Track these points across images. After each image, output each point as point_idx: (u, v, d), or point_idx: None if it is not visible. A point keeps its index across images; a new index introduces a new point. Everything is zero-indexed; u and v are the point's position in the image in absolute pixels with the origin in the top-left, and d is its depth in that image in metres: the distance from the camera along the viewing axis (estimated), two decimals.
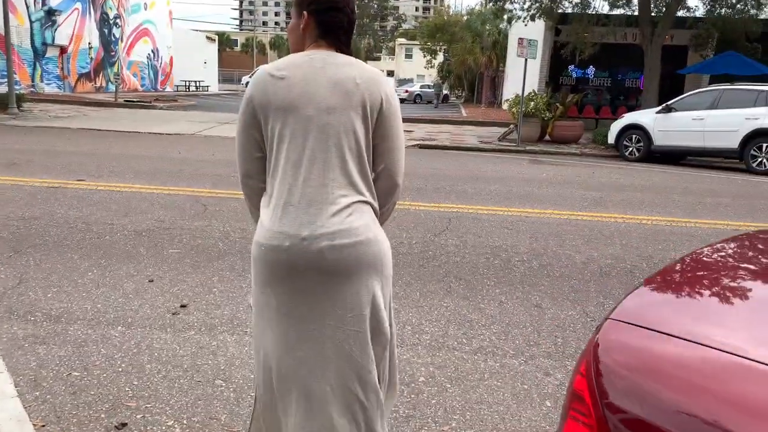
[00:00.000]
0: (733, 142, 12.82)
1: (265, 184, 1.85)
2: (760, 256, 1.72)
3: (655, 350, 1.13)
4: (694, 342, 1.10)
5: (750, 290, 1.43)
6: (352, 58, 1.86)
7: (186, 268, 4.63)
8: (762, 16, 19.19)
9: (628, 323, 1.20)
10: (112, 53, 30.98)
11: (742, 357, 1.06)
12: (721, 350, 1.09)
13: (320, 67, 1.80)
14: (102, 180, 7.93)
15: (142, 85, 33.81)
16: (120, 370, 3.05)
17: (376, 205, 1.85)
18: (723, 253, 1.71)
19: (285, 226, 1.73)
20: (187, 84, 38.75)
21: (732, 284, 1.48)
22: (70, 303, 3.85)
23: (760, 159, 12.57)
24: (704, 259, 1.65)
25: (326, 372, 1.77)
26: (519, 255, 5.40)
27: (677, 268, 1.56)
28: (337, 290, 1.74)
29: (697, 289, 1.45)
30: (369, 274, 1.77)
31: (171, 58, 36.87)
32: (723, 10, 18.08)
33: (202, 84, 40.36)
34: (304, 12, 1.87)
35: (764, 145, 12.49)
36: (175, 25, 38.47)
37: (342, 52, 1.86)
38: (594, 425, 1.11)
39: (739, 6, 17.92)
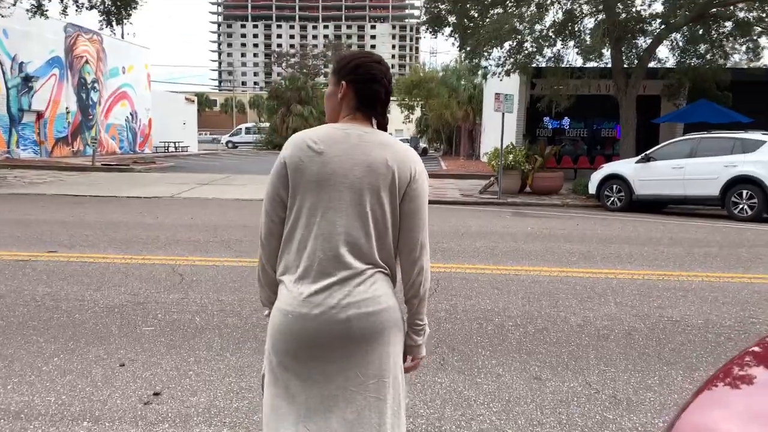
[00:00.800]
0: (714, 190, 12.88)
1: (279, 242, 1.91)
2: None
3: None
4: None
5: None
6: (388, 137, 1.92)
7: (160, 348, 4.33)
8: (730, 65, 19.71)
9: None
10: (90, 117, 30.90)
11: None
12: None
13: (356, 144, 1.85)
14: (75, 250, 7.63)
15: (120, 148, 33.64)
16: None
17: (394, 278, 1.91)
18: None
19: (313, 296, 1.78)
20: (166, 145, 38.67)
21: None
22: (32, 395, 3.53)
23: (741, 205, 12.60)
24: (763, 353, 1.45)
25: None
26: (512, 319, 5.17)
27: (738, 364, 1.35)
28: (361, 357, 1.81)
29: (764, 395, 1.24)
30: (391, 341, 1.85)
31: (150, 120, 36.85)
32: (693, 61, 18.54)
33: (181, 145, 40.31)
34: (343, 82, 1.92)
35: (744, 191, 12.55)
36: (153, 87, 38.63)
37: (378, 121, 1.94)
38: None
39: (707, 56, 18.40)
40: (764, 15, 17.56)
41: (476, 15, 18.21)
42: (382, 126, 1.96)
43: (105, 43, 31.95)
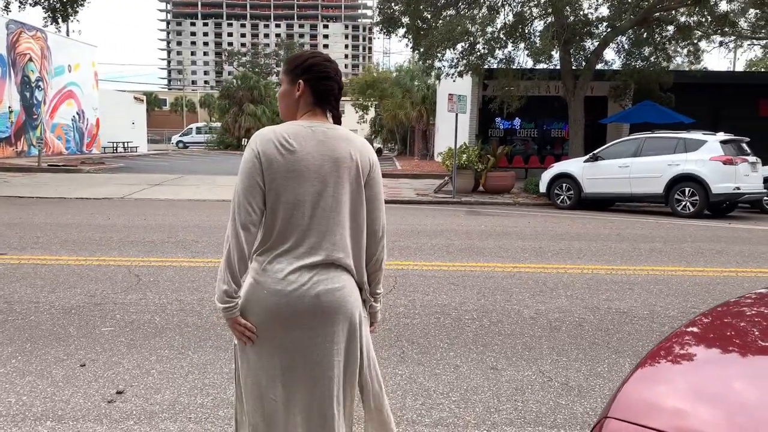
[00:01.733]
0: (658, 188, 13.39)
1: (256, 233, 2.06)
2: (757, 326, 1.68)
3: None
4: None
5: (749, 365, 1.37)
6: (347, 132, 2.13)
7: (121, 348, 4.32)
8: (673, 68, 20.49)
9: (631, 423, 1.11)
10: (35, 116, 29.94)
11: None
12: None
13: (322, 140, 2.05)
14: (26, 253, 7.46)
15: (67, 148, 32.69)
16: None
17: (354, 272, 2.12)
18: (718, 324, 1.65)
19: (289, 276, 2.00)
20: (115, 145, 37.78)
21: (732, 358, 1.42)
22: None
23: (684, 203, 13.14)
24: (699, 331, 1.60)
25: (314, 390, 2.08)
26: (469, 313, 5.33)
27: (673, 342, 1.49)
28: (330, 327, 2.05)
29: (699, 374, 1.38)
30: (352, 315, 2.09)
31: (97, 120, 35.91)
32: (638, 63, 19.19)
33: (130, 145, 39.44)
34: (300, 81, 2.10)
35: (687, 189, 13.09)
36: (101, 86, 37.68)
37: (333, 115, 2.15)
38: None
39: (651, 59, 19.07)
40: (704, 20, 18.33)
41: (429, 16, 18.44)
42: (337, 118, 2.18)
43: (50, 41, 31.00)
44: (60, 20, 20.42)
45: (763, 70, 38.68)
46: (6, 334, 4.54)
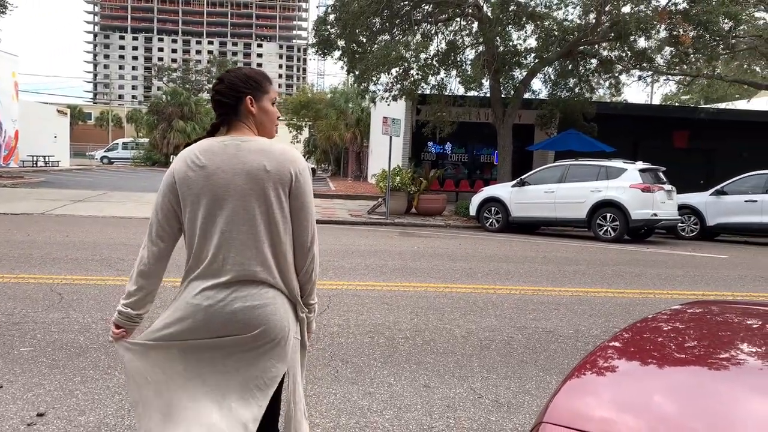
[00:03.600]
0: (581, 213, 13.95)
1: (167, 249, 2.13)
2: (672, 340, 1.80)
3: None
4: None
5: (667, 375, 1.48)
6: (263, 141, 2.09)
7: (42, 369, 4.14)
8: (596, 99, 21.48)
9: (563, 426, 1.18)
10: None
11: None
12: None
13: (233, 153, 2.04)
14: None
15: None
16: None
17: (283, 286, 2.08)
18: (638, 338, 1.77)
19: (205, 291, 2.02)
20: (35, 159, 36.15)
21: (652, 370, 1.52)
22: None
23: (605, 227, 13.73)
24: (621, 345, 1.70)
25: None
26: (402, 332, 5.39)
27: (598, 356, 1.58)
28: (243, 343, 2.04)
29: (622, 381, 1.48)
30: (276, 334, 2.05)
31: (16, 132, 34.28)
32: (563, 93, 20.04)
33: (52, 159, 37.83)
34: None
35: (608, 214, 13.69)
36: (22, 98, 36.07)
37: (231, 126, 2.12)
38: None
39: (576, 90, 19.95)
40: (624, 54, 19.35)
41: (365, 40, 18.69)
42: (214, 127, 2.15)
43: None
44: None
45: (677, 104, 41.09)
46: None
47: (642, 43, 19.22)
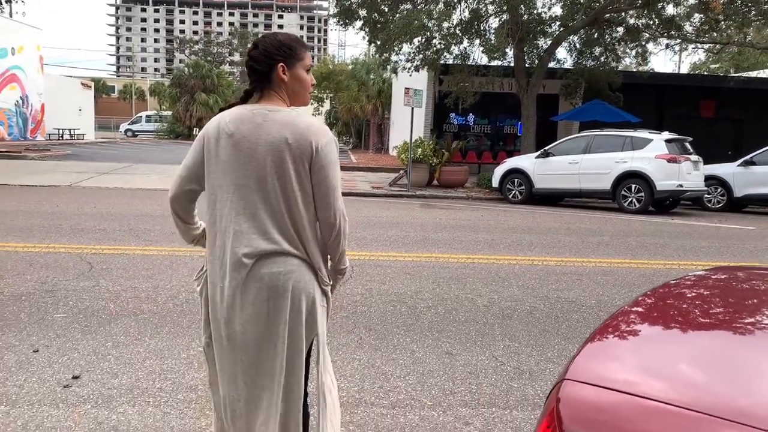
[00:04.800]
0: (606, 184, 13.81)
1: (187, 211, 2.23)
2: (696, 305, 1.81)
3: (616, 408, 1.14)
4: (655, 400, 1.12)
5: (690, 339, 1.49)
6: (290, 113, 2.08)
7: (75, 334, 4.27)
8: (622, 68, 21.10)
9: (584, 383, 1.21)
10: None
11: (689, 409, 1.09)
12: (670, 404, 1.11)
13: (260, 123, 2.04)
14: None
15: (9, 134, 31.52)
16: None
17: (302, 253, 2.09)
18: (658, 305, 1.78)
19: (226, 270, 2.05)
20: (61, 132, 36.61)
21: (674, 334, 1.54)
22: None
23: (630, 199, 13.59)
24: (642, 311, 1.72)
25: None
26: (424, 301, 5.44)
27: (619, 320, 1.60)
28: (272, 312, 2.06)
29: (642, 342, 1.50)
30: (300, 300, 2.07)
31: (42, 106, 34.72)
32: (588, 62, 19.70)
33: (77, 132, 38.28)
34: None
35: (633, 185, 13.54)
36: (46, 71, 36.42)
37: (263, 95, 2.12)
38: None
39: (601, 59, 19.60)
40: (651, 22, 18.93)
41: (386, 10, 18.49)
42: (248, 93, 2.15)
43: None
44: (4, 1, 19.63)
45: (705, 73, 40.15)
46: None
47: (670, 10, 18.79)
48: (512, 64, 18.60)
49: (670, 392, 1.17)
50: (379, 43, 18.16)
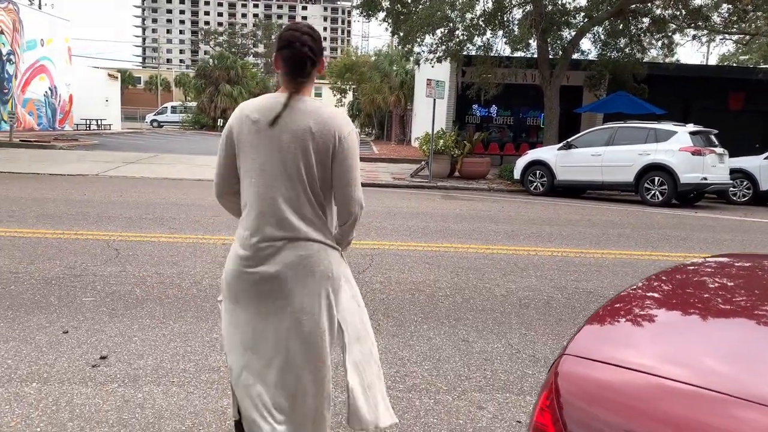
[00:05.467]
0: (629, 176, 13.71)
1: (234, 204, 2.28)
2: (692, 289, 1.86)
3: (611, 382, 1.20)
4: (647, 373, 1.19)
5: (684, 323, 1.55)
6: (314, 103, 2.14)
7: (103, 317, 4.42)
8: (648, 60, 20.84)
9: (583, 358, 1.28)
10: (5, 91, 29.36)
11: (683, 383, 1.15)
12: (665, 378, 1.18)
13: (284, 112, 2.09)
14: (1, 226, 7.45)
15: (39, 124, 32.13)
16: (38, 430, 2.86)
17: (322, 238, 2.18)
18: (656, 288, 1.83)
19: (256, 244, 2.13)
20: (88, 122, 37.21)
21: (666, 316, 1.59)
22: None
23: (653, 191, 13.49)
24: (640, 294, 1.77)
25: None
26: (442, 290, 5.51)
27: (617, 304, 1.66)
28: (289, 293, 2.16)
29: (638, 322, 1.56)
30: (321, 283, 2.18)
31: (70, 96, 35.31)
32: (613, 54, 19.49)
33: (104, 122, 38.88)
34: (275, 53, 2.17)
35: (656, 178, 13.42)
36: (74, 62, 37.00)
37: (300, 84, 2.14)
38: None
39: (626, 50, 19.38)
40: (678, 13, 18.67)
41: (409, 1, 18.49)
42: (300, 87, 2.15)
43: (22, 13, 30.36)
44: None
45: (734, 65, 39.44)
46: None
47: (697, 0, 18.52)
48: (535, 56, 18.48)
49: (663, 368, 1.23)
50: (401, 34, 18.17)
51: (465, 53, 19.03)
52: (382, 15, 18.61)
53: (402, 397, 3.37)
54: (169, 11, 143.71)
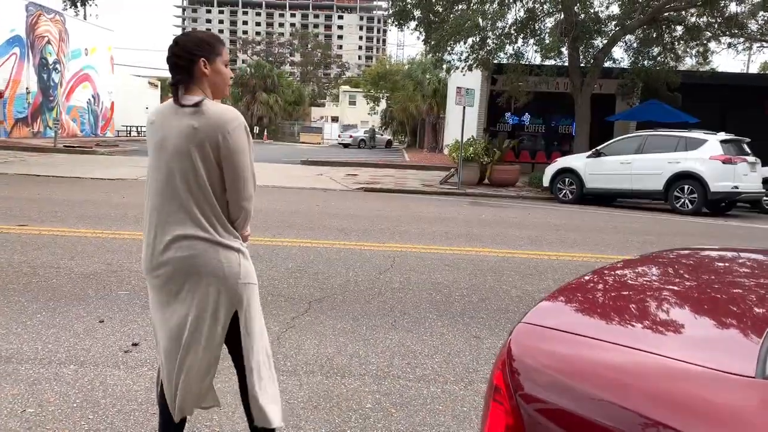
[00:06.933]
0: (658, 185, 13.66)
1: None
2: (640, 273, 2.03)
3: (553, 347, 1.40)
4: (579, 335, 1.39)
5: (633, 301, 1.72)
6: (202, 103, 2.20)
7: (135, 309, 4.71)
8: (681, 68, 20.66)
9: (535, 325, 1.47)
10: (51, 98, 30.49)
11: (600, 339, 1.35)
12: (600, 340, 1.37)
13: (173, 113, 2.23)
14: (45, 225, 7.88)
15: (81, 131, 33.26)
16: (75, 405, 3.13)
17: (210, 235, 2.22)
18: (617, 272, 2.01)
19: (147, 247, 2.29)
20: (128, 129, 38.33)
21: (615, 297, 1.77)
22: (20, 344, 3.89)
23: (683, 200, 13.41)
24: (597, 278, 1.95)
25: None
26: (459, 290, 5.68)
27: (574, 284, 1.84)
28: (180, 292, 2.28)
29: (588, 299, 1.75)
30: (206, 281, 2.23)
31: (112, 104, 36.48)
32: (645, 62, 19.39)
33: (143, 129, 39.95)
34: None
35: (686, 186, 13.35)
36: (116, 70, 38.20)
37: (187, 87, 2.25)
38: (509, 410, 1.36)
39: (659, 58, 19.27)
40: (713, 21, 18.51)
41: (441, 10, 18.72)
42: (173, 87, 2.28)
43: (67, 24, 31.54)
44: (78, 4, 20.77)
45: None
46: (31, 293, 4.94)
47: (733, 8, 18.32)
48: (566, 64, 18.51)
49: (597, 332, 1.42)
50: (432, 43, 18.39)
51: (496, 61, 19.16)
52: (413, 24, 18.87)
53: (411, 386, 3.56)
54: (209, 21, 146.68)
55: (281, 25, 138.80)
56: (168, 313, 2.30)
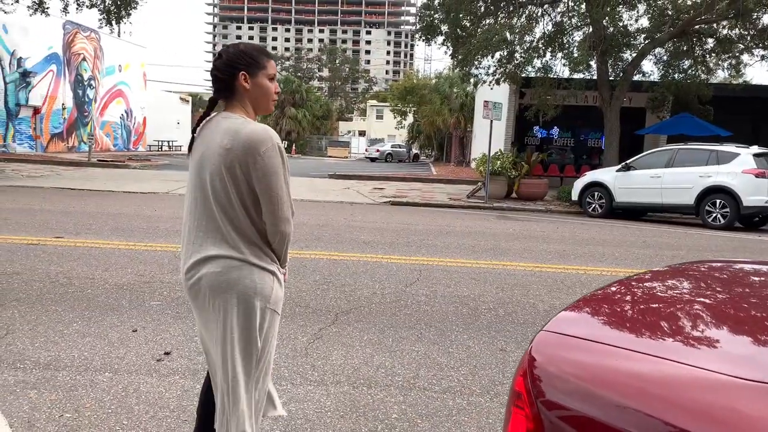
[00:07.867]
0: (689, 199, 13.47)
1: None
2: (667, 284, 2.05)
3: (575, 355, 1.43)
4: (601, 342, 1.42)
5: (659, 311, 1.74)
6: (237, 121, 2.16)
7: (168, 318, 4.82)
8: (713, 81, 20.40)
9: (556, 333, 1.51)
10: (86, 113, 31.27)
11: (629, 349, 1.37)
12: (619, 347, 1.40)
13: (213, 130, 2.20)
14: (80, 237, 8.09)
15: (114, 145, 34.00)
16: (110, 411, 3.23)
17: (241, 255, 2.16)
18: (640, 284, 2.02)
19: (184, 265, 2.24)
20: (160, 144, 39.06)
21: (639, 307, 1.79)
22: (58, 351, 4.02)
23: (714, 214, 13.21)
24: (621, 288, 1.97)
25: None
26: (486, 304, 5.69)
27: (597, 295, 1.87)
28: (212, 311, 2.24)
29: (611, 309, 1.77)
30: (233, 302, 2.18)
31: (144, 119, 37.24)
32: (676, 75, 19.21)
33: (175, 144, 40.69)
34: None
35: (718, 201, 13.14)
36: (148, 86, 39.03)
37: (227, 103, 2.23)
38: (530, 416, 1.39)
39: (690, 71, 19.07)
40: (746, 33, 18.27)
41: (468, 25, 18.80)
42: (212, 101, 2.32)
43: (102, 41, 32.37)
44: (114, 22, 21.31)
45: None
46: (67, 303, 5.09)
47: (766, 20, 18.09)
48: (595, 77, 18.42)
49: (619, 341, 1.45)
50: (459, 57, 18.46)
51: (524, 75, 19.15)
52: (440, 39, 18.98)
53: (437, 397, 3.59)
54: (239, 37, 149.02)
55: (310, 40, 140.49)
56: (208, 333, 2.29)
